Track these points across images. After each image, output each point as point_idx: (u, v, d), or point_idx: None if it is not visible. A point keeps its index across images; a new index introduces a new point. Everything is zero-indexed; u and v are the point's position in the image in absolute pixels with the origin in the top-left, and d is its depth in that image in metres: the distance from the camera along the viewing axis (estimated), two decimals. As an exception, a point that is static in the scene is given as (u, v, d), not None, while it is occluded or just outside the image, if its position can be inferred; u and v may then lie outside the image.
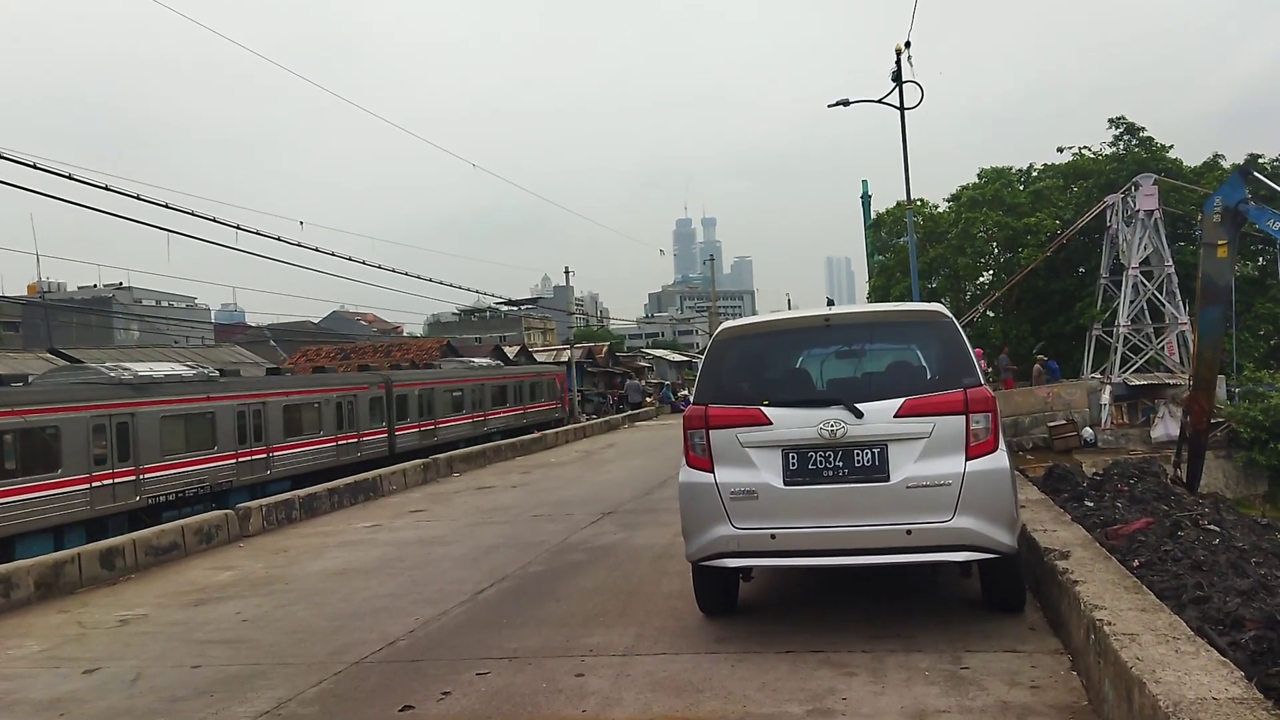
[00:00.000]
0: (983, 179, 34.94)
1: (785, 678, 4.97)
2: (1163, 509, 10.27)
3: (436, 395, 32.56)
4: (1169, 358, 26.66)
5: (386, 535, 11.48)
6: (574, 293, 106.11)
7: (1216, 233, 18.86)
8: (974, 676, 4.78)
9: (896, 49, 22.55)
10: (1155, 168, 29.47)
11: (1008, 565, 5.63)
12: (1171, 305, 26.42)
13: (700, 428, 5.84)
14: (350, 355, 48.11)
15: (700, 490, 5.75)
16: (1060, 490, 12.04)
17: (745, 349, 6.37)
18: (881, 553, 5.47)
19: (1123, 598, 4.76)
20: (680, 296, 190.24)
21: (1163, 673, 3.58)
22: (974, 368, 5.71)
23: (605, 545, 9.50)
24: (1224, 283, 19.35)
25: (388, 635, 6.59)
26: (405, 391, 30.39)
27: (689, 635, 5.97)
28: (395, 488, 16.26)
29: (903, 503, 5.36)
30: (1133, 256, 26.55)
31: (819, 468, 5.52)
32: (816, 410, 5.57)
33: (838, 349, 6.70)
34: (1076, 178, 33.83)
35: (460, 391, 34.50)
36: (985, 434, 5.44)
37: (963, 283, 35.07)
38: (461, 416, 34.08)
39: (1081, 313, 29.89)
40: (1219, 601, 6.28)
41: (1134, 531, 8.78)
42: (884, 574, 6.48)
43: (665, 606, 6.75)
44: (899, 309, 7.03)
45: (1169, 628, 4.19)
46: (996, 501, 5.38)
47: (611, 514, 11.68)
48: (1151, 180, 26.58)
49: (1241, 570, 7.94)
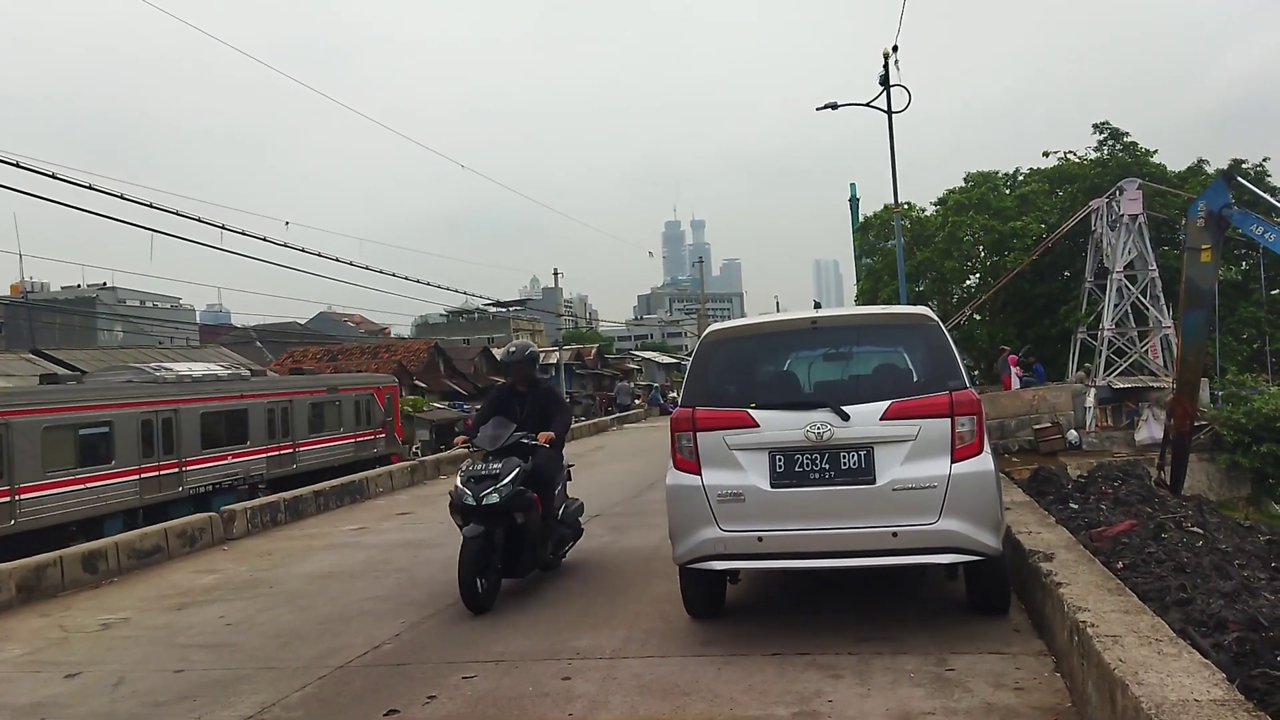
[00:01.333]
0: (969, 183, 35.05)
1: (772, 680, 4.97)
2: (1147, 511, 10.33)
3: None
4: (1153, 361, 26.83)
5: (373, 538, 11.44)
6: (563, 294, 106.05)
7: (1200, 237, 18.99)
8: (959, 678, 4.79)
9: (884, 53, 22.65)
10: (1140, 172, 29.61)
11: (993, 567, 5.65)
12: (1155, 309, 26.59)
13: (688, 430, 5.84)
14: (337, 357, 47.94)
15: (687, 493, 5.75)
16: (1045, 492, 12.10)
17: (732, 351, 6.38)
18: (868, 555, 5.48)
19: (1106, 600, 4.78)
20: (669, 298, 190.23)
21: (1145, 674, 3.60)
22: (959, 370, 5.73)
23: (593, 547, 9.49)
24: (1207, 287, 19.49)
25: (374, 639, 6.57)
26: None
27: (676, 638, 5.96)
28: (382, 490, 16.20)
29: (889, 505, 5.37)
30: (1117, 260, 26.71)
31: (805, 470, 5.53)
32: (803, 413, 5.58)
33: (824, 352, 6.73)
34: (1062, 182, 34.00)
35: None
36: (970, 436, 5.46)
37: (950, 286, 35.18)
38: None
39: (1067, 316, 30.03)
40: (1202, 603, 6.32)
41: (1118, 534, 8.83)
42: (871, 576, 6.50)
43: (653, 609, 6.74)
44: (885, 312, 7.06)
45: (1152, 630, 4.21)
46: (982, 504, 5.40)
47: (599, 516, 11.66)
48: (1136, 185, 26.75)
49: (1225, 572, 8.00)
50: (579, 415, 52.23)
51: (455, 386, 47.77)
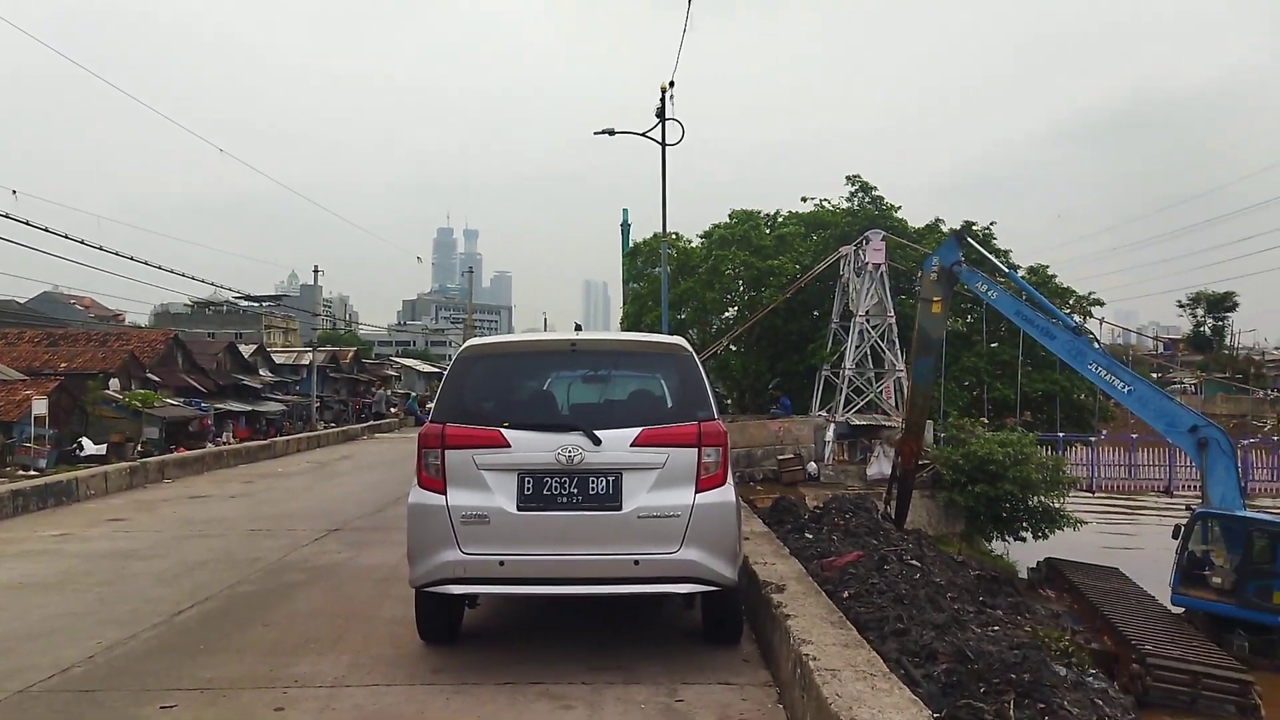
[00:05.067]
0: (734, 219, 36.58)
1: (502, 710, 4.80)
2: (873, 543, 11.03)
3: None
4: (886, 401, 28.91)
5: (76, 545, 10.29)
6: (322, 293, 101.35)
7: (933, 290, 20.76)
8: (687, 710, 4.81)
9: (662, 87, 23.24)
10: (884, 224, 31.93)
11: (727, 598, 5.75)
12: (891, 353, 28.69)
13: (436, 447, 5.59)
14: (59, 342, 43.30)
15: (430, 512, 5.49)
16: (784, 522, 12.69)
17: (489, 368, 6.20)
18: (609, 583, 5.42)
19: (829, 633, 4.96)
20: (436, 306, 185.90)
21: (859, 710, 3.72)
22: (709, 401, 5.82)
23: (327, 565, 8.96)
24: (937, 336, 21.31)
25: (62, 660, 5.84)
26: None
27: (406, 664, 5.66)
28: (94, 492, 14.68)
29: (633, 533, 5.35)
30: (860, 305, 28.67)
31: (554, 494, 5.41)
32: (556, 435, 5.47)
33: (582, 374, 6.68)
34: (817, 227, 36.14)
35: None
36: (715, 467, 5.54)
37: (710, 316, 36.48)
38: None
39: (813, 353, 31.81)
40: (916, 634, 6.76)
41: (846, 564, 9.35)
42: (610, 603, 6.46)
43: (385, 633, 6.39)
44: (641, 339, 7.10)
45: (868, 664, 4.39)
46: (722, 535, 5.48)
47: (338, 531, 11.07)
48: (880, 236, 28.83)
49: (938, 604, 8.64)
50: (329, 421, 49.97)
51: (194, 382, 44.26)
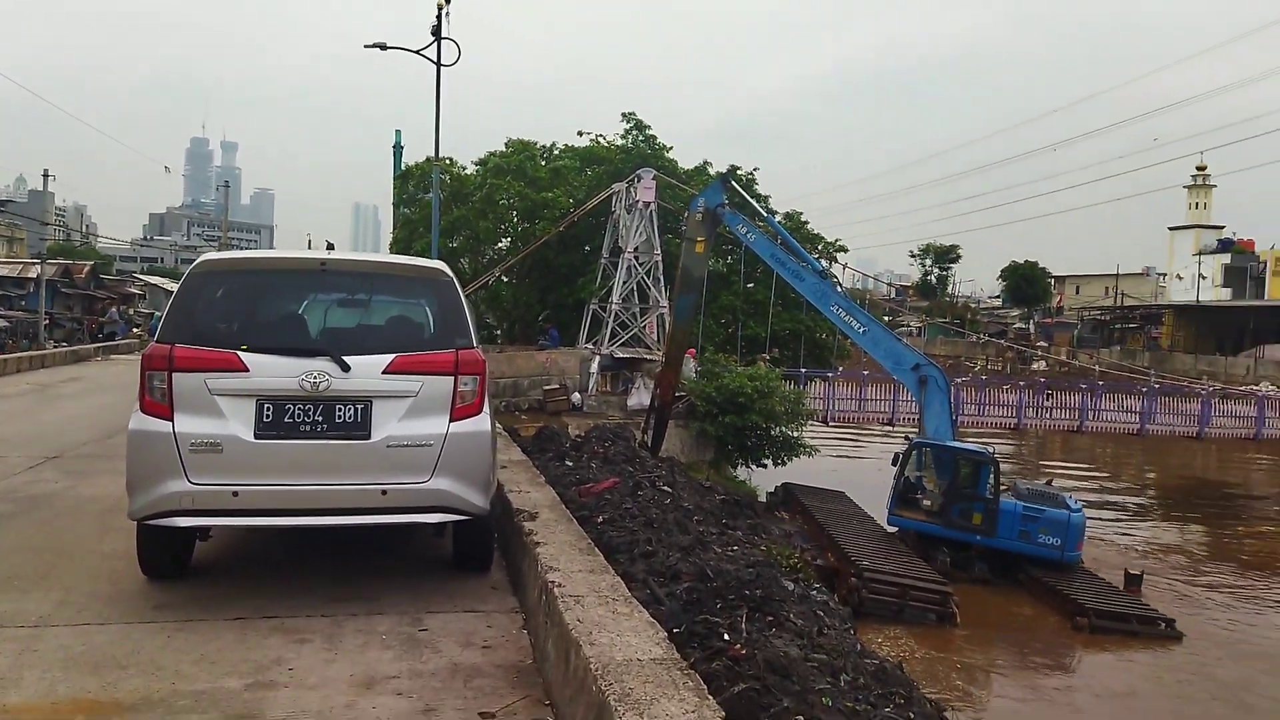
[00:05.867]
0: (510, 149, 35.93)
1: (229, 647, 4.53)
2: (629, 470, 11.33)
3: None
4: (648, 335, 29.68)
5: None
6: (54, 200, 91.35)
7: (697, 230, 21.37)
8: (430, 639, 4.74)
9: (438, 4, 22.31)
10: (656, 164, 32.38)
11: (479, 526, 5.70)
12: (656, 289, 29.39)
13: (162, 369, 5.13)
14: None
15: (153, 439, 5.05)
16: (546, 450, 12.77)
17: (227, 286, 5.76)
18: (354, 513, 5.23)
19: (576, 559, 5.02)
20: (188, 222, 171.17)
21: (599, 635, 3.79)
22: (468, 329, 5.67)
23: (41, 494, 8.16)
24: (699, 274, 22.01)
25: None
26: None
27: (124, 601, 5.24)
28: None
29: (382, 462, 5.17)
30: (629, 241, 29.11)
31: (296, 421, 5.13)
32: (300, 360, 5.16)
33: (335, 297, 6.36)
34: (592, 162, 36.12)
35: None
36: (472, 396, 5.43)
37: (483, 246, 35.84)
38: None
39: (583, 287, 32.04)
40: (663, 556, 7.02)
41: (602, 490, 9.55)
42: (356, 535, 6.24)
43: (102, 568, 5.89)
44: (400, 262, 6.79)
45: (611, 590, 4.49)
46: (475, 464, 5.40)
47: (57, 458, 10.11)
48: (651, 175, 29.30)
49: (685, 527, 9.02)
50: (60, 340, 45.43)
51: (-112, 291, 38.90)
